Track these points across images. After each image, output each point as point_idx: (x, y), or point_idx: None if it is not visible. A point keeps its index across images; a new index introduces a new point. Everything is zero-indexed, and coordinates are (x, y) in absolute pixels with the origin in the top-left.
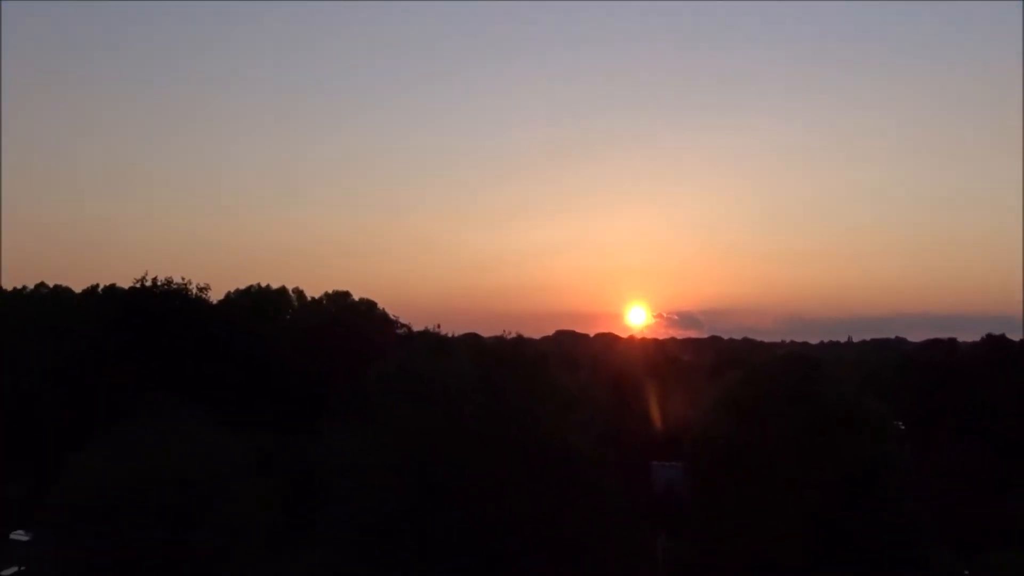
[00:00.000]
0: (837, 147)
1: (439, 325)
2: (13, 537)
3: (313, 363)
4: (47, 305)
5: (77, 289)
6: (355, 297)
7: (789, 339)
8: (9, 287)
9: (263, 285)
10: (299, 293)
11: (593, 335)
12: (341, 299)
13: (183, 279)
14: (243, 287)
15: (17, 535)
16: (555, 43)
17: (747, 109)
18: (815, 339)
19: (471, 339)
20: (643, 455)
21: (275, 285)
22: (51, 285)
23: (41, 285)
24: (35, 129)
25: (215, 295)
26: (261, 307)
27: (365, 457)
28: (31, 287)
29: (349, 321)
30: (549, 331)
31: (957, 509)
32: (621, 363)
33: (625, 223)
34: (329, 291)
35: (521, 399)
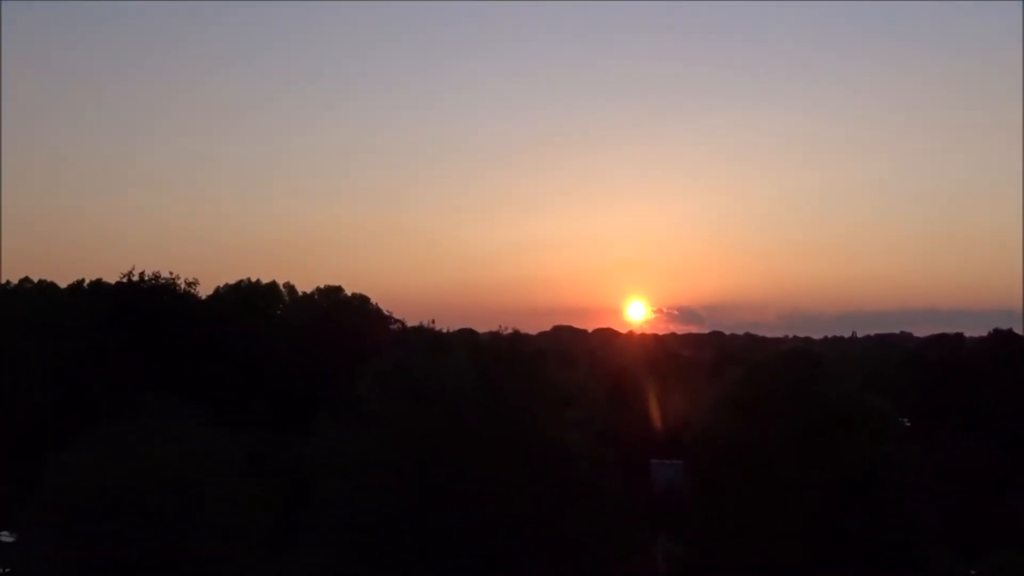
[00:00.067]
0: (842, 140)
1: (433, 320)
2: None
3: (306, 360)
4: (35, 302)
5: (62, 284)
6: (348, 292)
7: (792, 335)
8: None
9: (253, 280)
10: (290, 288)
11: (591, 331)
12: (333, 294)
13: (171, 274)
14: (232, 282)
15: (2, 536)
16: (551, 33)
17: (750, 100)
18: (818, 335)
19: (466, 335)
20: (643, 454)
21: (265, 280)
22: (35, 280)
23: (25, 280)
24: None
25: (204, 290)
26: (252, 302)
27: (361, 456)
28: (15, 282)
29: (342, 317)
30: (546, 326)
31: (962, 508)
32: (620, 359)
33: (624, 216)
34: (321, 286)
35: (519, 397)
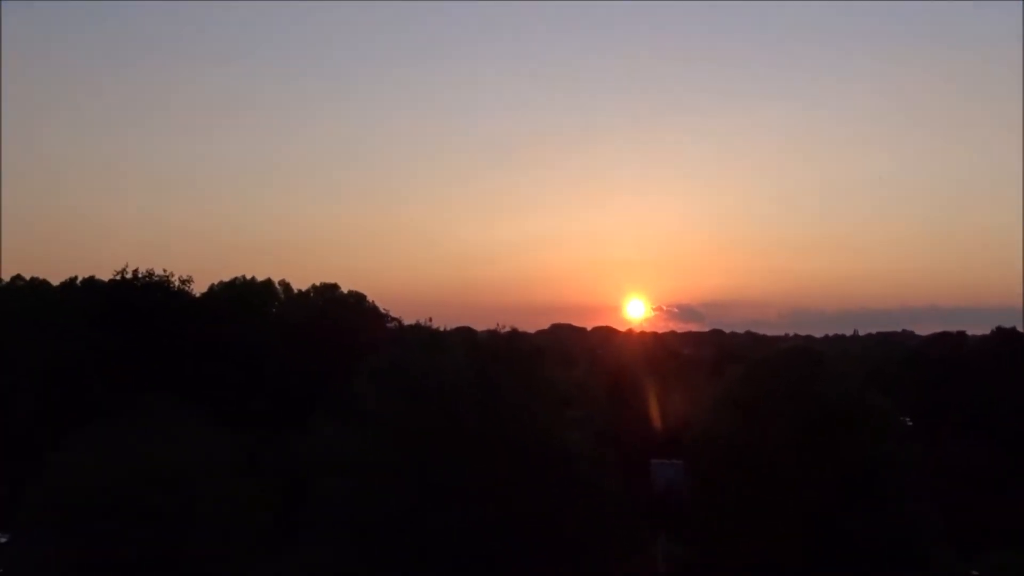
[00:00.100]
0: (843, 137)
1: (431, 319)
2: None
3: (302, 358)
4: (28, 299)
5: (55, 282)
6: (344, 290)
7: (793, 332)
8: None
9: (248, 277)
10: (285, 286)
11: (590, 329)
12: (329, 292)
13: (165, 271)
14: (227, 279)
15: None
16: (549, 29)
17: (749, 97)
18: (819, 332)
19: (464, 333)
20: (642, 453)
21: (260, 277)
22: (28, 278)
23: (17, 277)
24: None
25: (198, 288)
26: (247, 300)
27: (359, 455)
28: (7, 280)
29: (338, 314)
30: (544, 325)
31: (963, 507)
32: (619, 358)
33: (623, 212)
34: (317, 283)
35: (517, 396)
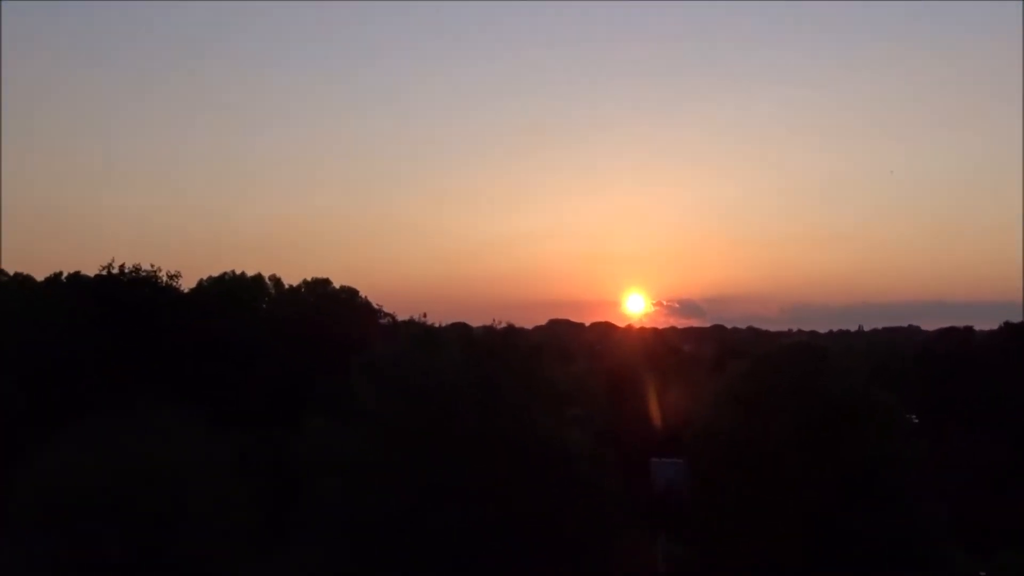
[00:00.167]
0: (848, 128)
1: (425, 314)
2: None
3: (293, 355)
4: (13, 295)
5: (39, 277)
6: (336, 285)
7: (796, 328)
8: None
9: (238, 272)
10: (276, 281)
11: (589, 324)
12: (321, 287)
13: (152, 266)
14: (216, 274)
15: None
16: (544, 17)
17: (752, 88)
18: (823, 328)
19: (459, 329)
20: (642, 452)
21: (250, 272)
22: (11, 273)
23: (0, 273)
24: None
25: (186, 283)
26: (236, 296)
27: (353, 454)
28: None
29: (330, 310)
30: (542, 320)
31: (971, 506)
32: (619, 354)
33: (622, 205)
34: (308, 278)
35: (515, 393)
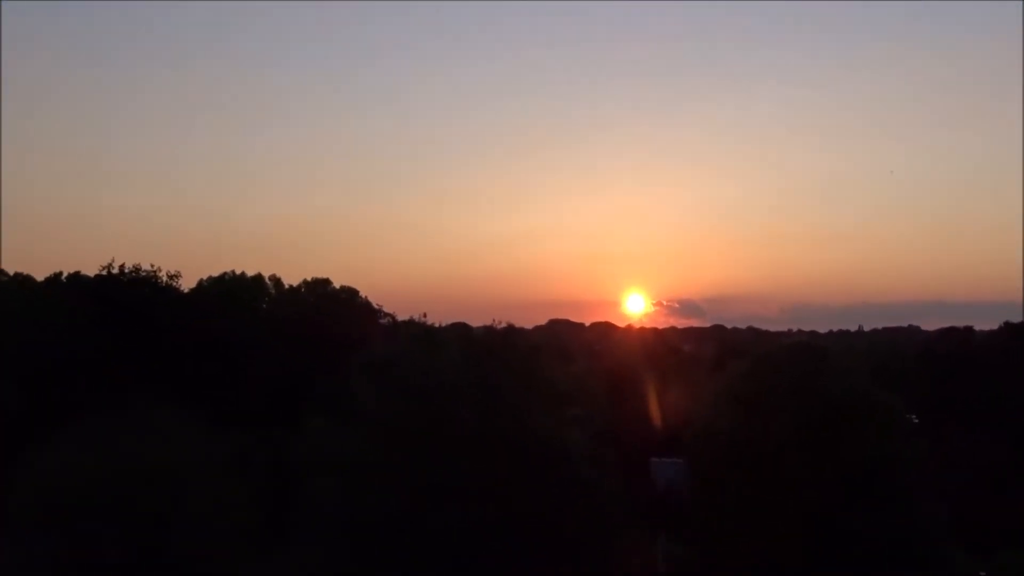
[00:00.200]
0: (848, 128)
1: (425, 314)
2: None
3: (293, 355)
4: (13, 295)
5: (39, 277)
6: (336, 285)
7: (796, 328)
8: None
9: (237, 272)
10: (276, 281)
11: (588, 324)
12: (321, 287)
13: (152, 266)
14: (216, 274)
15: None
16: (542, 15)
17: (753, 86)
18: (824, 328)
19: (459, 329)
20: (642, 452)
21: (250, 272)
22: (11, 273)
23: (0, 273)
24: None
25: (186, 283)
26: (236, 296)
27: (352, 454)
28: None
29: (330, 310)
30: (542, 320)
31: (972, 506)
32: (618, 354)
33: (622, 205)
34: (308, 278)
35: (515, 393)
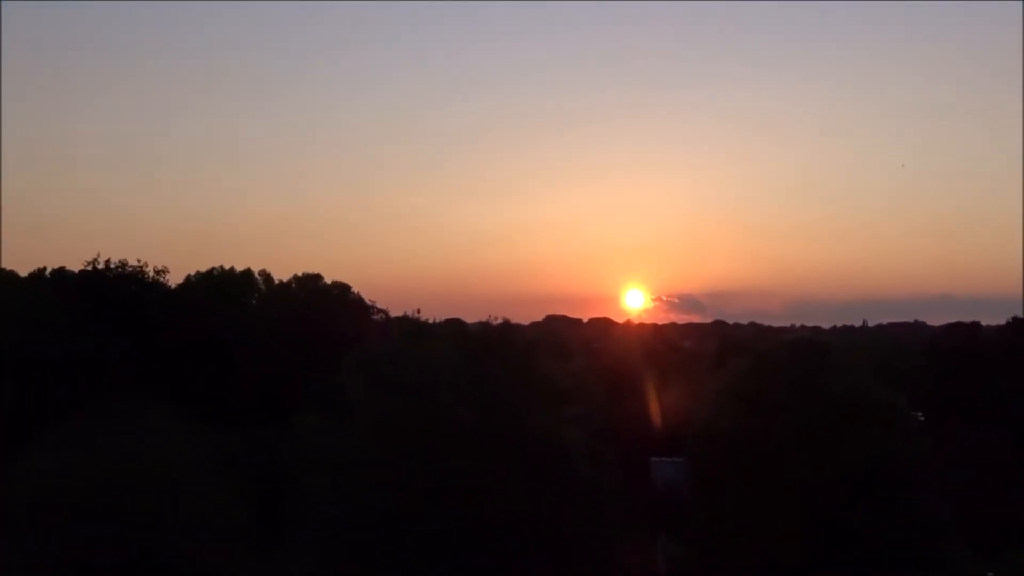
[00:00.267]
0: (853, 120)
1: (419, 310)
2: None
3: (284, 352)
4: None
5: (23, 273)
6: (327, 280)
7: (799, 324)
8: None
9: (226, 267)
10: (266, 276)
11: (586, 320)
12: (312, 282)
13: (139, 261)
14: (204, 270)
15: None
16: (538, 3)
17: (756, 75)
18: (827, 323)
19: (454, 325)
20: (642, 451)
21: (239, 267)
22: None
23: None
24: None
25: (174, 279)
26: (225, 291)
27: (345, 452)
28: None
29: (322, 306)
30: (538, 316)
31: (979, 505)
32: (617, 351)
33: (621, 197)
34: (299, 274)
35: (511, 391)
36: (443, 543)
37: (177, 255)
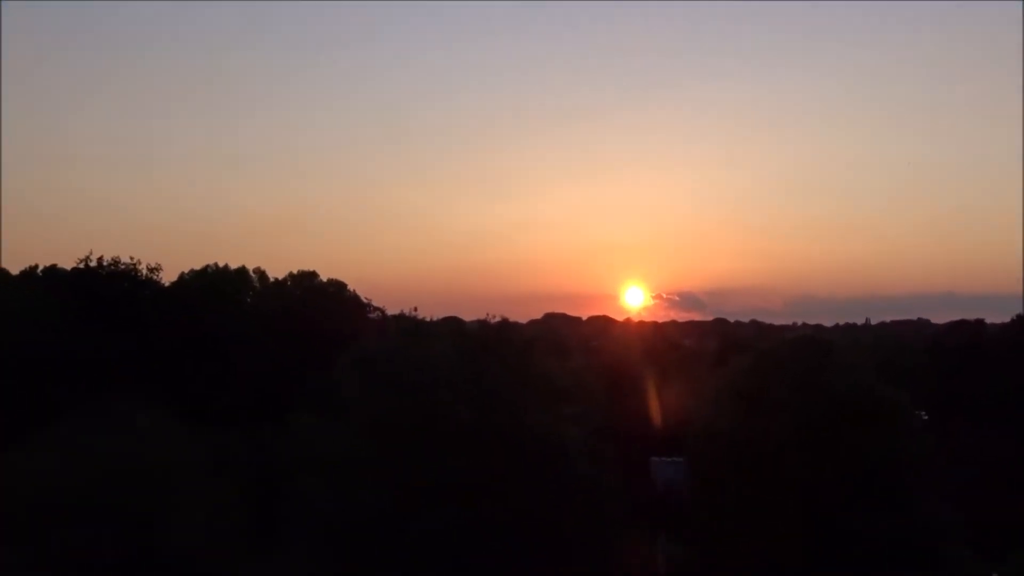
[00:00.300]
0: (856, 116)
1: (416, 308)
2: None
3: (279, 350)
4: None
5: (14, 271)
6: (323, 278)
7: (800, 322)
8: None
9: (221, 265)
10: (261, 274)
11: (585, 318)
12: (307, 280)
13: (132, 259)
14: (198, 267)
15: None
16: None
17: (756, 70)
18: (829, 321)
19: (452, 323)
20: (642, 450)
21: (234, 265)
22: None
23: None
24: None
25: (167, 277)
26: (220, 289)
27: (340, 452)
28: None
29: (317, 304)
30: (537, 314)
31: (984, 505)
32: (617, 349)
33: (620, 194)
34: (294, 271)
35: (510, 390)
36: (441, 542)
37: (171, 252)
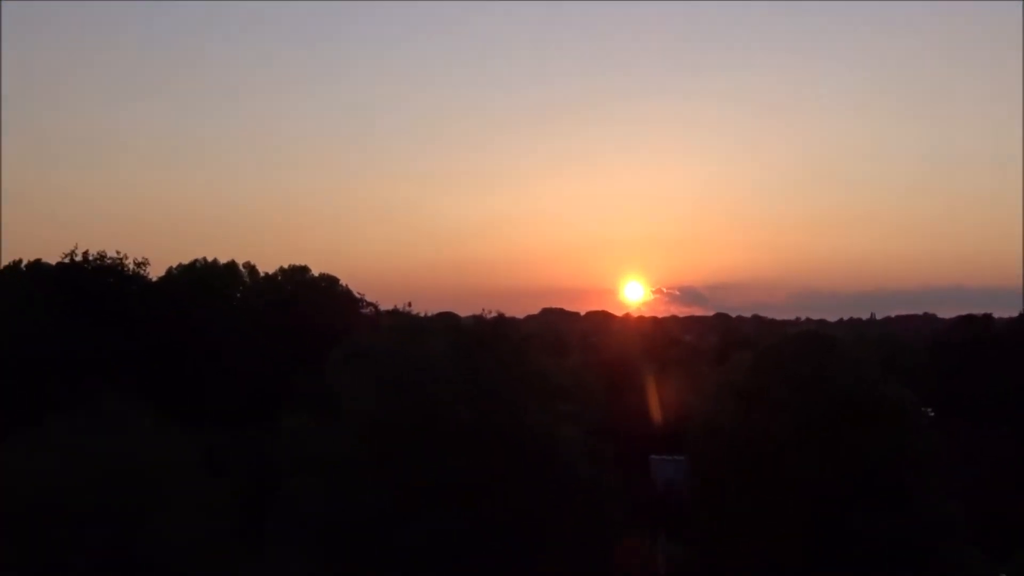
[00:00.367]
0: (862, 108)
1: (410, 303)
2: None
3: (269, 346)
4: None
5: None
6: (314, 272)
7: (804, 317)
8: None
9: (209, 259)
10: (251, 268)
11: (584, 314)
12: (299, 275)
13: (118, 253)
14: (186, 262)
15: None
16: None
17: (760, 60)
18: (833, 316)
19: (447, 319)
20: (641, 449)
21: (223, 259)
22: None
23: None
24: None
25: (155, 271)
26: (208, 284)
27: (333, 452)
28: None
29: (309, 299)
30: (534, 310)
31: (992, 504)
32: (616, 345)
33: (619, 187)
34: (285, 266)
35: (506, 387)
36: (439, 543)
37: (158, 247)
